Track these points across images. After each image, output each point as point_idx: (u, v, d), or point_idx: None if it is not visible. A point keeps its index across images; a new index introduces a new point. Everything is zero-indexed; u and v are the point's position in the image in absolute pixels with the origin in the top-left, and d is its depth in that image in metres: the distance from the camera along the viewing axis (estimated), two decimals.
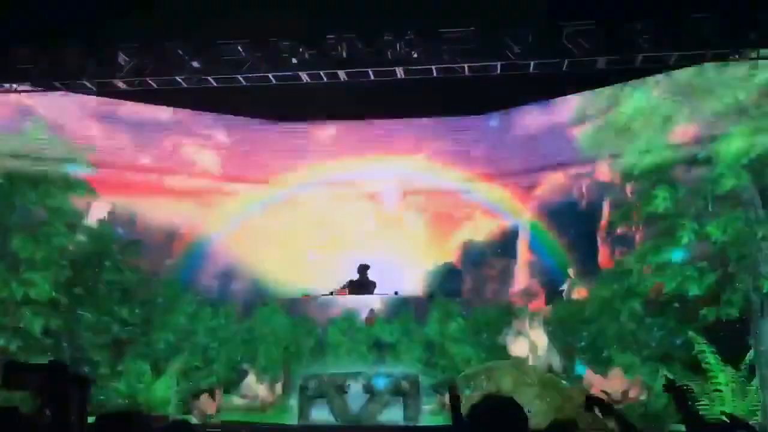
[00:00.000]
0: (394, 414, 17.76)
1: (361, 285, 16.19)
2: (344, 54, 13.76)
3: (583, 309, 19.38)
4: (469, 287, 23.60)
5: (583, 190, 21.68)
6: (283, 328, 20.86)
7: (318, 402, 18.31)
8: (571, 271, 21.30)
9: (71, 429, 2.40)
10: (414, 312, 20.75)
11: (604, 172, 20.99)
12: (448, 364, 19.71)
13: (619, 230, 20.21)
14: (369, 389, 17.87)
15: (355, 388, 18.01)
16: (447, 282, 22.91)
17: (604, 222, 20.99)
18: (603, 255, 20.62)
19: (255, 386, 20.04)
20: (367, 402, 17.74)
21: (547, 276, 22.11)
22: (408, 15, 16.60)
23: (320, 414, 18.14)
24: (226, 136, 23.91)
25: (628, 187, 19.67)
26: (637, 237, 19.39)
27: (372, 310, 20.42)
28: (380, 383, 17.93)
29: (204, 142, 23.60)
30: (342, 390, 18.10)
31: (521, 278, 22.74)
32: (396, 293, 17.73)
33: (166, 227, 22.01)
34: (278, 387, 20.44)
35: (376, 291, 18.72)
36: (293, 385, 19.56)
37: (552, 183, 22.38)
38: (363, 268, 16.07)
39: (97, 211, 20.19)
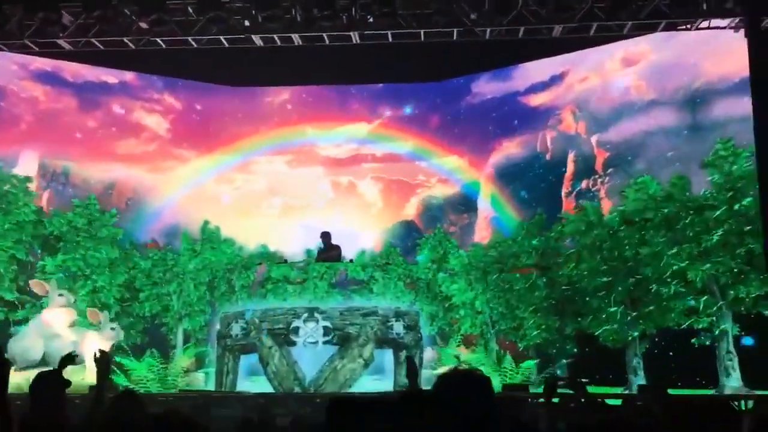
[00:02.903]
0: (378, 383, 14.44)
1: (328, 251, 16.00)
2: (299, 17, 13.45)
3: None
4: None
5: (548, 143, 21.76)
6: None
7: (246, 361, 14.89)
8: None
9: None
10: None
11: (569, 123, 21.16)
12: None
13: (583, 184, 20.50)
14: (335, 334, 13.89)
15: (311, 333, 14.04)
16: (406, 239, 22.29)
17: (568, 175, 21.20)
18: (567, 207, 20.22)
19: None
20: (335, 358, 13.98)
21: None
22: None
23: (252, 381, 14.87)
24: (176, 100, 23.36)
25: (594, 139, 19.81)
26: (602, 191, 19.47)
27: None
28: (354, 323, 14.05)
29: (154, 107, 23.03)
30: (287, 337, 13.97)
31: (482, 233, 22.54)
32: (351, 261, 17.46)
33: (104, 181, 21.61)
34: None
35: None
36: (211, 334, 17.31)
37: (509, 146, 22.47)
38: (325, 235, 15.95)
39: (25, 166, 19.73)
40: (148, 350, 17.22)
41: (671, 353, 16.23)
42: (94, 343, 14.65)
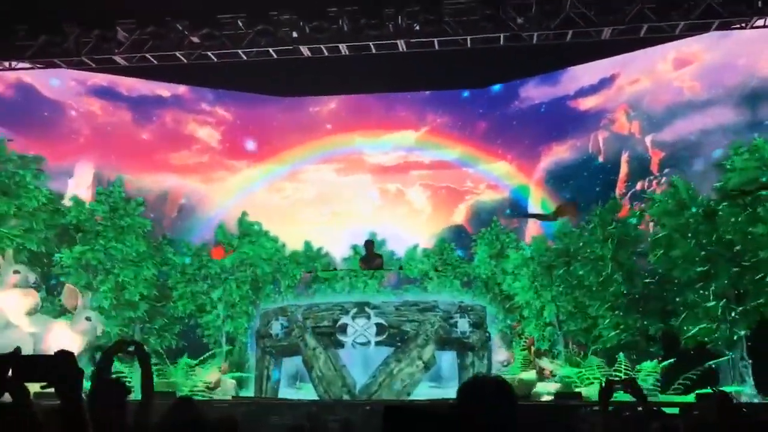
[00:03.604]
0: (437, 390, 12.79)
1: (369, 260, 15.88)
2: (346, 27, 13.60)
3: None
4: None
5: (600, 144, 21.29)
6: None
7: (288, 362, 13.43)
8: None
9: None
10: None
11: (622, 124, 20.61)
12: None
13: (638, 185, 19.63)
14: (390, 332, 12.28)
15: (361, 331, 12.41)
16: (457, 242, 21.13)
17: (622, 176, 20.51)
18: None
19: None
20: (390, 361, 12.34)
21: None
22: None
23: (297, 388, 13.84)
24: (227, 111, 23.81)
25: (648, 139, 18.80)
26: (658, 191, 18.05)
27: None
28: (411, 320, 12.22)
29: (206, 119, 23.52)
30: (334, 337, 12.43)
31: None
32: (401, 268, 17.41)
33: (157, 191, 21.71)
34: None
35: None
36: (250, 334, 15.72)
37: (559, 150, 22.09)
38: (369, 244, 15.94)
39: (80, 176, 20.19)
40: (185, 354, 15.83)
41: None
42: (61, 337, 12.20)
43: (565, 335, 15.90)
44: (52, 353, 2.43)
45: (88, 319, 13.34)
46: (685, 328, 13.72)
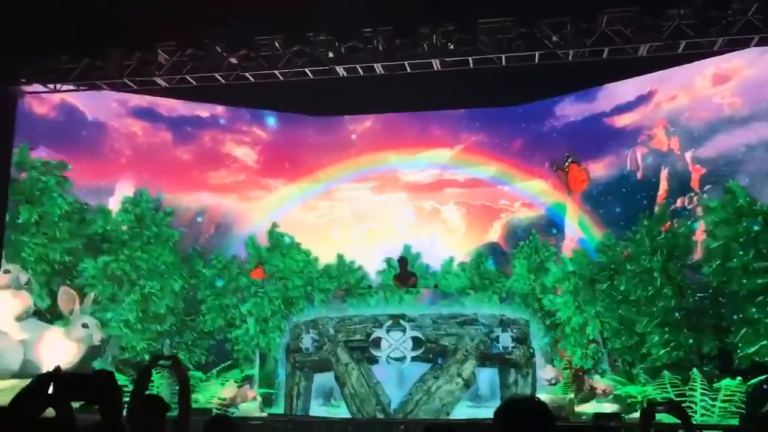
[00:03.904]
0: (477, 410, 11.60)
1: (404, 278, 15.78)
2: (380, 47, 13.73)
3: None
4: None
5: (638, 160, 20.98)
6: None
7: (320, 378, 12.55)
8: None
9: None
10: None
11: (661, 140, 20.29)
12: None
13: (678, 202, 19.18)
14: (427, 347, 11.29)
15: (396, 345, 11.50)
16: (493, 259, 20.99)
17: (662, 193, 20.06)
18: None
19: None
20: (427, 378, 11.50)
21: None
22: (444, 6, 16.46)
23: (329, 408, 12.69)
24: (263, 131, 24.12)
25: (689, 155, 18.25)
26: (699, 209, 17.49)
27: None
28: (450, 333, 11.21)
29: (243, 138, 23.86)
30: (367, 351, 11.60)
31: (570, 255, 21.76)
32: (436, 286, 17.34)
33: (195, 209, 21.87)
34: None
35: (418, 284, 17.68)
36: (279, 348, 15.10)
37: (596, 168, 21.83)
38: (402, 261, 15.90)
39: (120, 195, 20.39)
40: (214, 369, 15.53)
41: None
42: (55, 344, 11.10)
43: (610, 353, 15.25)
44: (93, 372, 2.49)
45: (84, 326, 12.36)
46: (740, 345, 12.85)
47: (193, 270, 17.00)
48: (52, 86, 15.63)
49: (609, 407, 13.59)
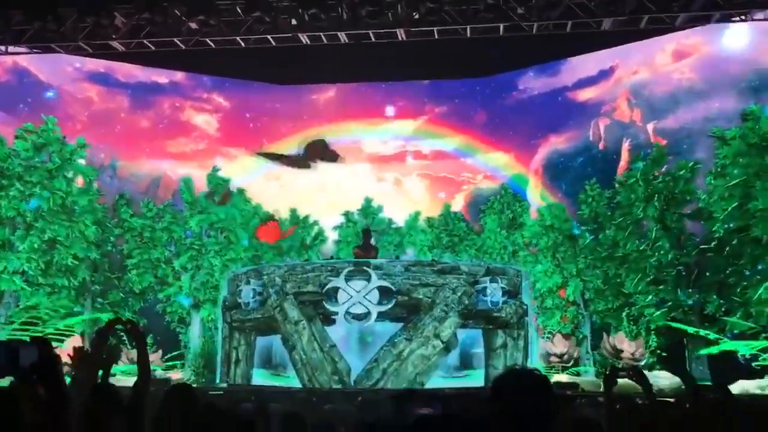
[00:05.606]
0: (449, 381, 9.18)
1: (366, 249, 15.68)
2: (345, 15, 13.52)
3: None
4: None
5: (601, 132, 21.08)
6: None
7: (264, 341, 9.98)
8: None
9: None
10: None
11: (623, 111, 20.43)
12: None
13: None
14: (397, 300, 8.98)
15: (358, 299, 9.07)
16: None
17: (623, 164, 20.01)
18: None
19: None
20: (398, 340, 9.06)
21: None
22: None
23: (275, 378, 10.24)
24: (225, 99, 23.70)
25: (650, 126, 18.14)
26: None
27: None
28: (426, 284, 8.91)
29: (203, 106, 23.42)
30: (321, 306, 9.24)
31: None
32: (397, 257, 17.35)
33: (152, 176, 21.35)
34: None
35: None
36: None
37: (557, 141, 21.98)
38: (366, 233, 15.83)
39: None
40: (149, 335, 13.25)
41: None
42: None
43: (590, 315, 13.70)
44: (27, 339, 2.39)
45: None
46: (757, 302, 10.75)
47: (120, 220, 14.77)
48: (3, 48, 15.07)
49: (566, 378, 13.30)
